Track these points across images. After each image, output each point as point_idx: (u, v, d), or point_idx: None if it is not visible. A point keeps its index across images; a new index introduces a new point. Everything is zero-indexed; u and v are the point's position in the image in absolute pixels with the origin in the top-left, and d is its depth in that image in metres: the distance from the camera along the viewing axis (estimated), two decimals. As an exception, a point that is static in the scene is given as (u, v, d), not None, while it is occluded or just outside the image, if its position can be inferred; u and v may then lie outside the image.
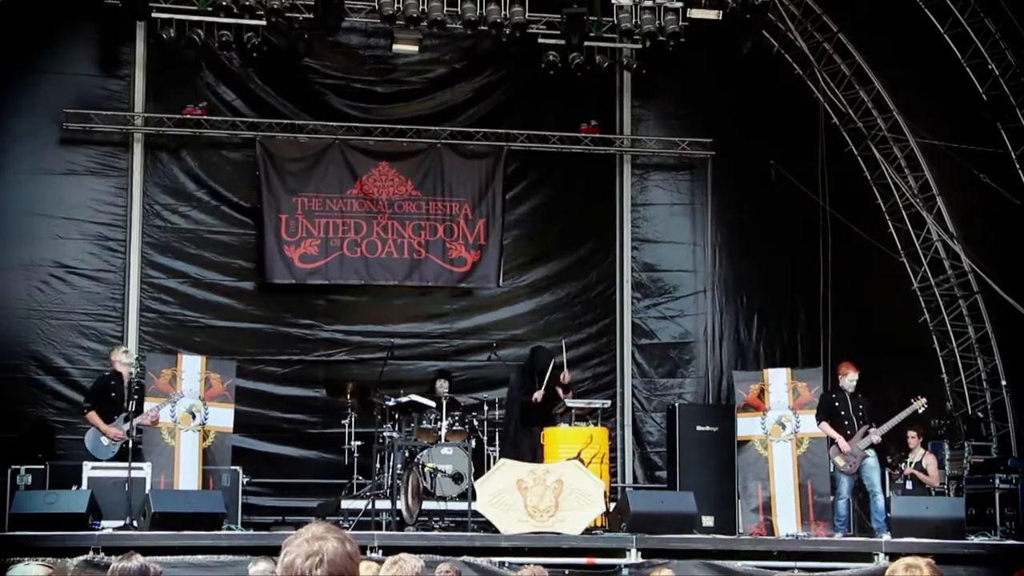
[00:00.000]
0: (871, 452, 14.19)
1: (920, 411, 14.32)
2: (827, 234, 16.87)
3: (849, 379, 14.36)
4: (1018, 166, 16.05)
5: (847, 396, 14.32)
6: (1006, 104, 15.81)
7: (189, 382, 14.22)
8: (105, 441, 13.34)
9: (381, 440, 14.14)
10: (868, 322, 17.05)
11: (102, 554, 10.32)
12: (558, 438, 14.15)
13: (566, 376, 15.23)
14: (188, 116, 16.86)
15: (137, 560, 4.98)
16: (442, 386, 15.41)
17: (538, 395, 14.73)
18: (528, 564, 8.55)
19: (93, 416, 13.45)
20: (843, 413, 14.28)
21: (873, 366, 14.66)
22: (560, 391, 15.00)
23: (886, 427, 14.20)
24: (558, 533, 12.05)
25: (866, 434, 14.10)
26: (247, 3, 14.68)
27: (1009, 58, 15.62)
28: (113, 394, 13.58)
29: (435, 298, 17.89)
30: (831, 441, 14.32)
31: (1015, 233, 16.41)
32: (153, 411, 13.57)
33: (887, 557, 11.21)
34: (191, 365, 14.37)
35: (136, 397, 13.47)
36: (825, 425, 14.31)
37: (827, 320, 16.57)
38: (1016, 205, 16.01)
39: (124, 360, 13.75)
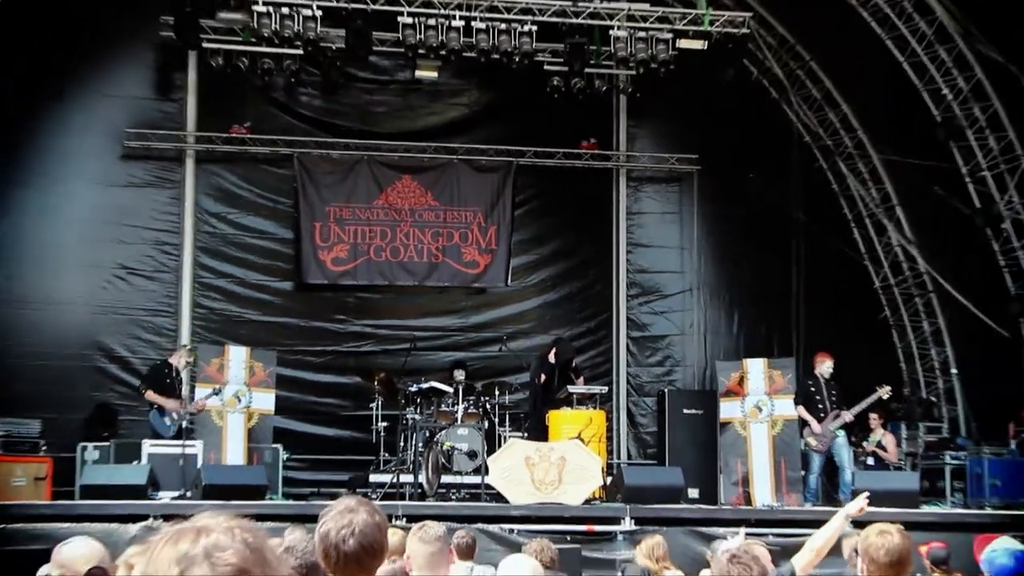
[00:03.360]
0: (841, 432, 14.24)
1: (884, 397, 14.38)
2: (799, 239, 16.91)
3: (826, 367, 14.42)
4: (967, 180, 16.10)
5: (822, 383, 14.37)
6: (957, 125, 15.84)
7: (235, 370, 14.26)
8: (167, 421, 13.54)
9: (405, 421, 14.14)
10: (835, 317, 17.04)
11: (160, 521, 10.38)
12: (561, 420, 14.18)
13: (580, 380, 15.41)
14: (234, 135, 16.95)
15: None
16: (459, 374, 15.44)
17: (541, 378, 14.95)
18: (537, 537, 8.57)
19: (151, 394, 13.68)
20: (818, 398, 14.32)
21: (839, 357, 14.68)
22: (573, 376, 15.20)
23: (855, 410, 14.24)
24: (561, 504, 12.05)
25: (837, 417, 14.14)
26: (286, 35, 14.68)
27: (960, 84, 15.67)
28: (167, 380, 13.85)
29: (452, 296, 17.93)
30: (803, 423, 14.38)
31: (965, 238, 16.48)
32: (200, 400, 13.73)
33: (851, 524, 11.21)
34: (237, 355, 14.42)
35: (180, 385, 13.92)
36: (801, 408, 14.36)
37: (799, 316, 16.61)
38: (966, 214, 16.08)
39: (185, 357, 14.27)
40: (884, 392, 14.24)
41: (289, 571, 2.10)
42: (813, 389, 14.41)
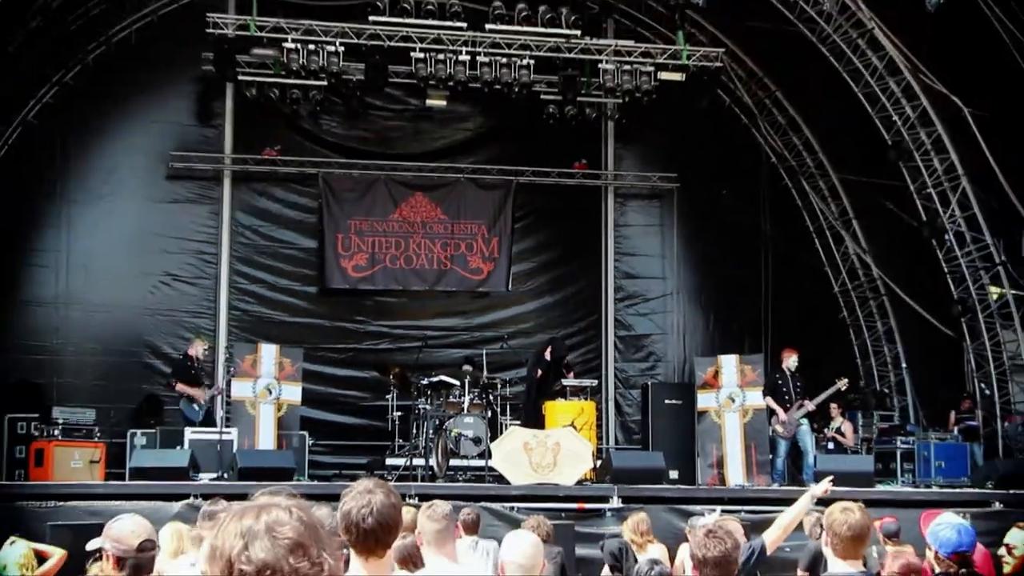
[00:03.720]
0: (805, 421, 14.22)
1: (843, 389, 14.36)
2: (767, 249, 16.95)
3: (792, 361, 14.41)
4: (915, 196, 16.10)
5: (788, 376, 14.35)
6: (905, 148, 15.85)
7: (267, 365, 14.31)
8: (195, 408, 13.77)
9: (417, 411, 14.10)
10: (799, 318, 17.05)
11: (200, 499, 10.37)
12: (556, 410, 14.18)
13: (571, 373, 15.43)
14: (266, 157, 16.94)
15: (222, 504, 4.99)
16: (466, 369, 15.40)
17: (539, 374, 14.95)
18: (534, 514, 8.53)
19: (180, 386, 13.89)
20: (784, 390, 14.30)
21: (804, 352, 14.66)
22: (565, 371, 15.20)
23: (817, 400, 14.23)
24: (556, 484, 12.01)
25: (801, 406, 14.11)
26: (312, 68, 14.69)
27: (908, 112, 15.67)
28: (192, 372, 14.09)
29: (459, 300, 17.90)
30: (771, 412, 14.36)
31: (913, 248, 16.49)
32: (216, 386, 14.21)
33: (816, 503, 11.17)
34: (268, 352, 14.44)
35: (203, 373, 14.36)
36: (769, 399, 14.36)
37: (767, 317, 16.62)
38: (913, 227, 16.08)
39: (201, 346, 14.50)
40: (843, 384, 14.26)
41: (338, 546, 2.11)
42: (780, 381, 14.39)
